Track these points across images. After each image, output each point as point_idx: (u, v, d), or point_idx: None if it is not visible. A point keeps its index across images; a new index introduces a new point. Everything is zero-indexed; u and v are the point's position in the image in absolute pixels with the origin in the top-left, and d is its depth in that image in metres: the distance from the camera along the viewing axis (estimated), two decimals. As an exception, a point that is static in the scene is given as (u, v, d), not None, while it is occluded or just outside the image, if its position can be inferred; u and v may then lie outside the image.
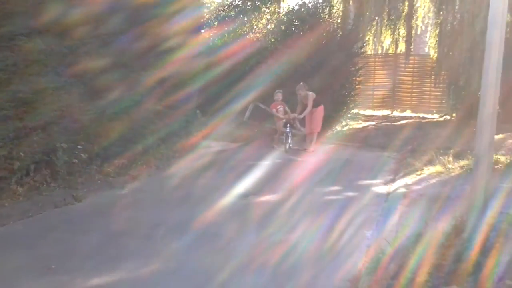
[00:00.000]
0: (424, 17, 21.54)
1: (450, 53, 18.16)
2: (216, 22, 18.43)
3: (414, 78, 24.00)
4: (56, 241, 5.82)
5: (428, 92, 23.05)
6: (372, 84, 23.38)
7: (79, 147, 8.36)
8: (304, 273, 5.14)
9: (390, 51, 24.05)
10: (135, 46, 9.63)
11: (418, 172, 9.77)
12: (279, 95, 13.73)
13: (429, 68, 21.67)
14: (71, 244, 5.73)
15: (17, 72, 7.22)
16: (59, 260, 5.23)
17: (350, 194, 8.70)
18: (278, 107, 13.75)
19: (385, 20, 21.47)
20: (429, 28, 21.61)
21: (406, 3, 21.29)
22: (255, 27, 18.30)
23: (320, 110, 13.54)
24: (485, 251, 4.59)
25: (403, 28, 22.10)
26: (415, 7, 21.51)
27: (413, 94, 23.95)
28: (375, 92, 24.00)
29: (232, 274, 5.06)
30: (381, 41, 22.99)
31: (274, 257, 5.50)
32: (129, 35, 9.37)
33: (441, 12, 18.50)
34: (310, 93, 13.37)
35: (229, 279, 4.95)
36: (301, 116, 13.49)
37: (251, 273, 5.12)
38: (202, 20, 14.06)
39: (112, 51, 8.98)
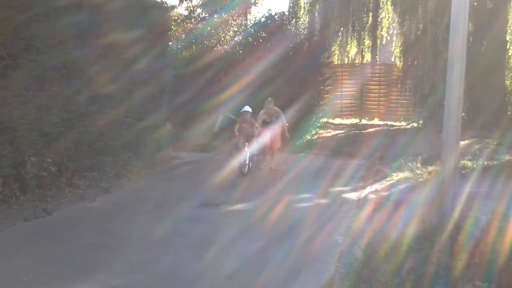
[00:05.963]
0: (388, 27, 21.83)
1: (415, 62, 18.50)
2: (184, 35, 18.47)
3: (381, 87, 24.36)
4: (28, 254, 5.74)
5: (395, 101, 23.39)
6: (340, 93, 23.56)
7: (48, 160, 8.24)
8: (278, 279, 5.18)
9: (356, 61, 24.34)
10: (103, 59, 9.58)
11: (388, 179, 9.94)
12: (247, 113, 11.90)
13: (395, 77, 22.04)
14: (42, 257, 5.66)
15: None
16: (30, 273, 5.16)
17: (322, 201, 8.80)
18: (243, 124, 11.86)
19: (350, 31, 21.78)
20: (394, 38, 21.93)
21: (370, 14, 21.65)
22: (222, 39, 18.35)
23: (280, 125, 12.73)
24: (455, 253, 4.70)
25: (368, 38, 22.45)
26: (379, 18, 21.83)
27: (381, 102, 24.27)
28: (344, 101, 24.24)
29: (206, 285, 5.08)
30: (347, 51, 23.26)
31: (248, 265, 5.54)
32: (95, 48, 9.33)
33: (405, 23, 18.80)
34: (278, 109, 12.48)
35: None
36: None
37: (226, 280, 5.15)
38: (169, 33, 14.05)
39: (78, 63, 8.91)
